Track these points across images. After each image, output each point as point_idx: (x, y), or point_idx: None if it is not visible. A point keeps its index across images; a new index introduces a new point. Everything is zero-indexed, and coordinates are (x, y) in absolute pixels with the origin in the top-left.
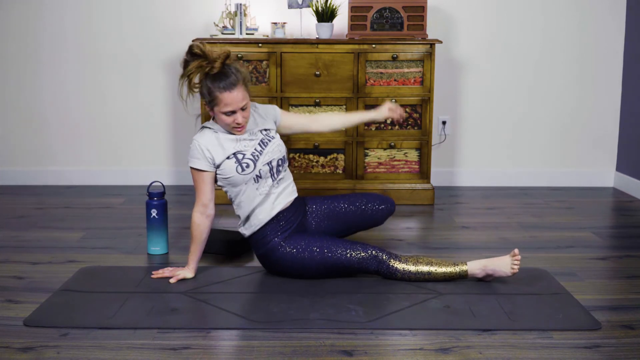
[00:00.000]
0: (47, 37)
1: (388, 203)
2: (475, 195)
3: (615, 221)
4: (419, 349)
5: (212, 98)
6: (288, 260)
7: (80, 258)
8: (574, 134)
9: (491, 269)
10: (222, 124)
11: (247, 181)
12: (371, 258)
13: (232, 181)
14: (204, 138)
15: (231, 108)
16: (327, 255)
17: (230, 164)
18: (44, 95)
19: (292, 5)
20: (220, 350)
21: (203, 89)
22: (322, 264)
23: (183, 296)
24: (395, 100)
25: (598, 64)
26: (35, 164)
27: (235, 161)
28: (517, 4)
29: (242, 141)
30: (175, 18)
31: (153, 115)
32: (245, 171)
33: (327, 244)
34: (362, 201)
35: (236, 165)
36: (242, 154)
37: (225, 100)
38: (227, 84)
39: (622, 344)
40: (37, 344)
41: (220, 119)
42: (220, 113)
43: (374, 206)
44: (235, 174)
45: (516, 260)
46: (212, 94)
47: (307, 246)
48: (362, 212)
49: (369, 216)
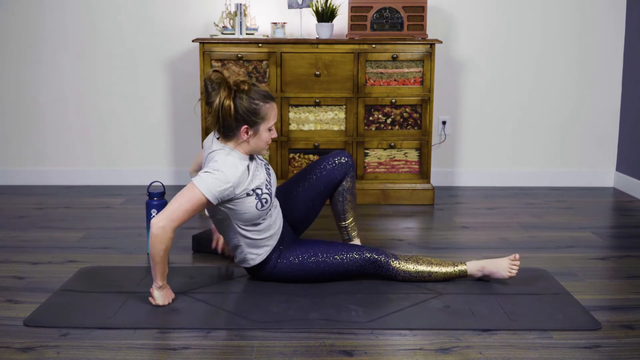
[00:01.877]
0: (47, 37)
1: (337, 157)
2: (475, 195)
3: (615, 221)
4: (419, 349)
5: (260, 115)
6: (287, 277)
7: (80, 258)
8: (574, 134)
9: (489, 270)
10: (260, 143)
11: (261, 217)
12: (368, 263)
13: (244, 217)
14: (233, 170)
15: (276, 120)
16: (323, 266)
17: (250, 200)
18: (44, 96)
19: (292, 5)
20: (220, 350)
21: (243, 108)
22: (321, 274)
23: (183, 296)
24: (395, 100)
25: (598, 64)
26: (35, 164)
27: (255, 197)
28: (517, 4)
29: (257, 171)
30: (175, 18)
31: (153, 115)
32: (264, 207)
33: (322, 253)
34: (315, 171)
35: (256, 202)
36: (260, 188)
37: (274, 112)
38: (269, 95)
39: (622, 344)
40: (37, 344)
41: (262, 138)
42: (266, 130)
43: (326, 168)
44: (254, 210)
45: (514, 264)
46: (259, 111)
47: (302, 260)
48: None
49: (328, 178)
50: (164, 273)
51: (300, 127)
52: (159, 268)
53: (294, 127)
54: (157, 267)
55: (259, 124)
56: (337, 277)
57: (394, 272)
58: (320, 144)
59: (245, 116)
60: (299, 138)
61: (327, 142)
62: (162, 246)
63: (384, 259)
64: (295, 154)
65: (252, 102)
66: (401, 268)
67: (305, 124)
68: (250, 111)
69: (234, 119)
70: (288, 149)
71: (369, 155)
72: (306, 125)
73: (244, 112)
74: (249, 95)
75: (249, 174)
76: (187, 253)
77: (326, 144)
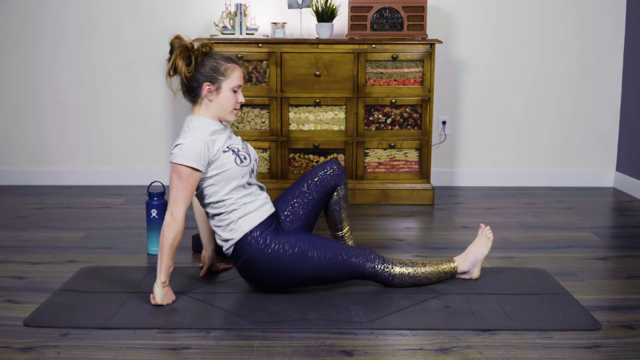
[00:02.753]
0: (47, 37)
1: (327, 166)
2: (475, 195)
3: (615, 221)
4: (419, 349)
5: (220, 73)
6: (275, 264)
7: (80, 258)
8: (574, 134)
9: (472, 253)
10: (226, 104)
11: (243, 175)
12: (362, 266)
13: (227, 175)
14: (202, 130)
15: (240, 82)
16: (322, 257)
17: (228, 156)
18: (44, 95)
19: (292, 5)
20: (220, 350)
21: (205, 67)
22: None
23: (183, 296)
24: (395, 100)
25: (598, 64)
26: (35, 164)
27: (232, 153)
28: (517, 4)
29: (232, 136)
30: (175, 18)
31: (153, 115)
32: (244, 162)
33: (317, 246)
34: (309, 188)
35: (234, 157)
36: (236, 147)
37: (237, 72)
38: (232, 58)
39: (622, 344)
40: (37, 344)
41: (226, 98)
42: (229, 90)
43: (319, 176)
44: (235, 166)
45: (486, 232)
46: (220, 68)
47: (294, 243)
48: (314, 190)
49: (326, 193)
50: (168, 268)
51: (300, 127)
52: (165, 260)
53: (294, 127)
54: (164, 259)
55: (220, 81)
56: (333, 275)
57: (390, 277)
58: (320, 144)
59: (206, 73)
60: (299, 138)
61: (327, 142)
62: (171, 234)
63: (380, 266)
64: (295, 154)
65: (213, 60)
66: (398, 271)
67: (305, 124)
68: (211, 68)
69: (195, 78)
70: (288, 149)
71: (369, 155)
72: (306, 125)
73: (204, 69)
74: (210, 55)
75: (222, 134)
76: (187, 253)
77: (326, 144)
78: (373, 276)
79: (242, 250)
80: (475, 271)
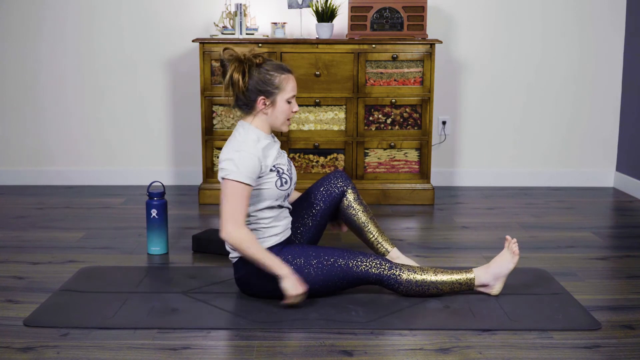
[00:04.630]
0: (47, 37)
1: (331, 177)
2: (475, 195)
3: (615, 221)
4: (419, 349)
5: (275, 86)
6: (272, 283)
7: (80, 258)
8: (574, 134)
9: (496, 266)
10: (280, 116)
11: (278, 197)
12: (370, 273)
13: (264, 193)
14: (255, 144)
15: (294, 92)
16: (333, 264)
17: (272, 175)
18: (44, 95)
19: (292, 5)
20: (220, 350)
21: (259, 80)
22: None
23: (183, 296)
24: (395, 100)
25: (598, 64)
26: (35, 164)
27: (276, 174)
28: (517, 4)
29: (281, 153)
30: (175, 18)
31: (153, 115)
32: (284, 187)
33: (323, 253)
34: (316, 198)
35: (277, 179)
36: (281, 168)
37: (291, 83)
38: (285, 66)
39: (622, 344)
40: (37, 344)
41: (281, 111)
42: (284, 101)
43: (325, 187)
44: (274, 187)
45: (513, 244)
46: (274, 81)
47: (306, 258)
48: (321, 200)
49: (334, 202)
50: (274, 260)
51: (300, 127)
52: (266, 257)
53: (294, 127)
54: (265, 257)
55: (275, 94)
56: (344, 281)
57: (398, 282)
58: (320, 144)
59: (260, 87)
60: (299, 138)
61: (327, 142)
62: (248, 244)
63: (388, 270)
64: (296, 154)
65: (267, 73)
66: (405, 277)
67: (305, 124)
68: (265, 81)
69: (249, 91)
70: (288, 149)
71: (369, 155)
72: (306, 125)
73: (258, 82)
74: (263, 67)
75: (273, 149)
76: (187, 253)
77: (326, 144)
78: (379, 282)
79: (243, 264)
80: (497, 286)
